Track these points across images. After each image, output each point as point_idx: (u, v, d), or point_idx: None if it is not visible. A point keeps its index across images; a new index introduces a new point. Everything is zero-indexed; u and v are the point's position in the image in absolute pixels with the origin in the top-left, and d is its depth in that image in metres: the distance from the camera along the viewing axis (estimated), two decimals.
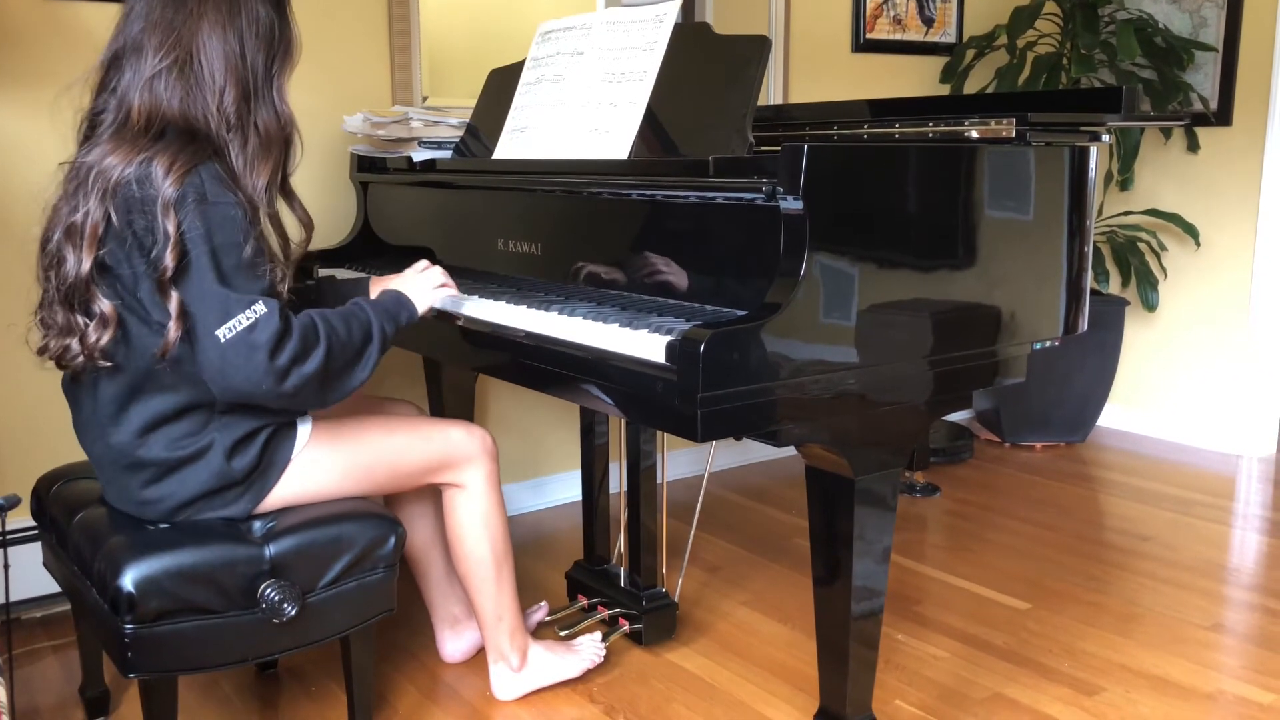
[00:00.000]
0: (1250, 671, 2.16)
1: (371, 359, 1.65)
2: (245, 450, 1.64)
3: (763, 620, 2.40)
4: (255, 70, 1.61)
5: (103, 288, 1.56)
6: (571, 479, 3.18)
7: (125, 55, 1.59)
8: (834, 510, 1.64)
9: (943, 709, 2.02)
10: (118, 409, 1.61)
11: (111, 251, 1.54)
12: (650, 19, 1.92)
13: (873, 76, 3.70)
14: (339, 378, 1.61)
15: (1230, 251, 3.65)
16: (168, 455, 1.61)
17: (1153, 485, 3.35)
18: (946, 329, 1.65)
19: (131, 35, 1.59)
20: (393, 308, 1.72)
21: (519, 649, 2.03)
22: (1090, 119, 1.84)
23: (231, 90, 1.58)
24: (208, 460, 1.62)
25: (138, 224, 1.51)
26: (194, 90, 1.57)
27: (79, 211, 1.54)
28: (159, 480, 1.63)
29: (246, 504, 1.68)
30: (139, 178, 1.50)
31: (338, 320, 1.61)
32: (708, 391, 1.38)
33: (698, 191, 1.65)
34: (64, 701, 2.07)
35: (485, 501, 1.93)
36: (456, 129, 2.40)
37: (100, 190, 1.52)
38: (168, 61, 1.56)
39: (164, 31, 1.56)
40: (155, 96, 1.56)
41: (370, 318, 1.66)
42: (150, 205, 1.49)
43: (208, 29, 1.57)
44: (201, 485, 1.63)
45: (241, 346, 1.48)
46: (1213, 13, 3.60)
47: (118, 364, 1.59)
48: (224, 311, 1.49)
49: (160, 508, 1.65)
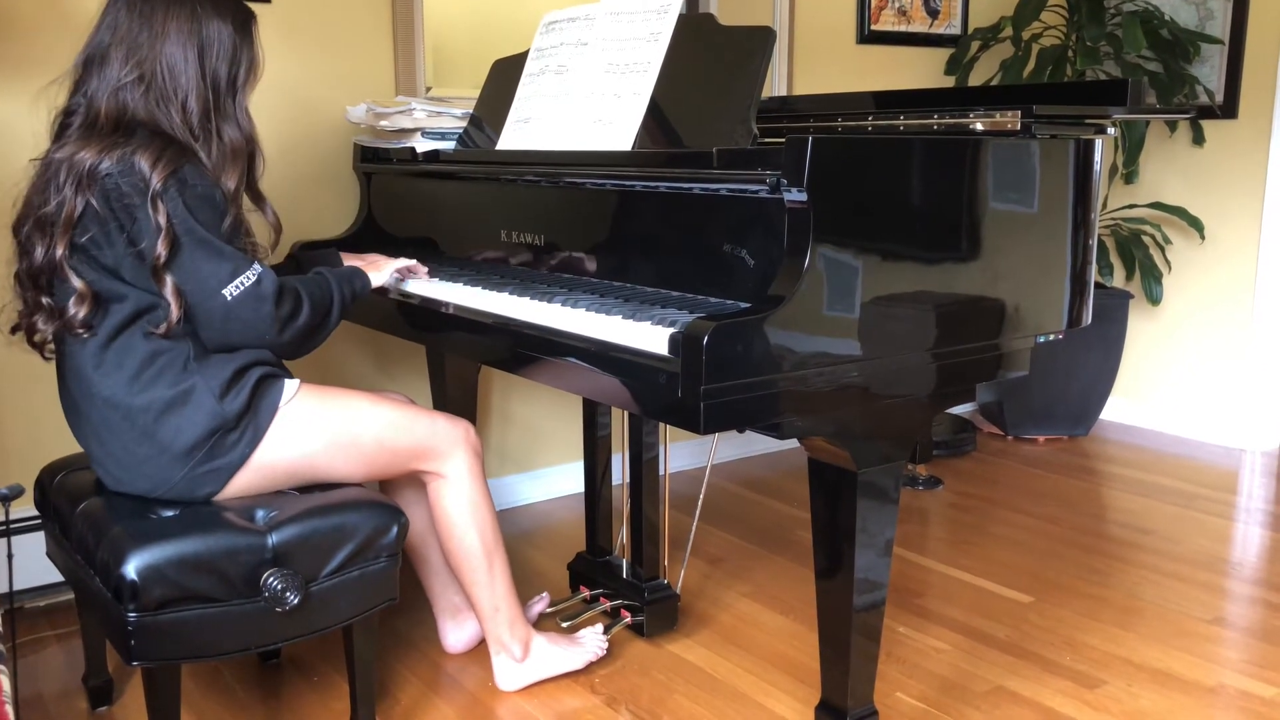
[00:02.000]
0: (1252, 665, 2.16)
1: (334, 319, 1.83)
2: (237, 392, 1.69)
3: (764, 612, 2.41)
4: (217, 86, 1.72)
5: (80, 268, 1.65)
6: (574, 470, 3.18)
7: (94, 62, 1.70)
8: (836, 503, 1.64)
9: (944, 701, 2.02)
10: (97, 361, 1.68)
11: (93, 237, 1.64)
12: (654, 10, 1.92)
13: (877, 68, 3.69)
14: (313, 333, 1.80)
15: (1235, 245, 3.64)
16: (155, 396, 1.66)
17: (1155, 479, 3.35)
18: (950, 322, 1.65)
19: (101, 44, 1.70)
20: (348, 273, 1.90)
21: (521, 640, 2.04)
22: (1095, 112, 1.84)
23: (195, 103, 1.70)
24: (199, 401, 1.67)
25: (120, 212, 1.61)
26: (158, 101, 1.69)
27: (51, 202, 1.64)
28: (155, 429, 1.66)
29: (244, 448, 1.70)
30: (122, 170, 1.60)
31: (310, 284, 1.80)
32: (710, 384, 1.38)
33: (701, 183, 1.65)
34: (67, 690, 2.07)
35: (470, 492, 1.94)
36: (460, 120, 2.40)
37: (76, 180, 1.62)
38: (133, 75, 1.67)
39: (129, 46, 1.67)
40: (121, 104, 1.67)
41: (331, 283, 1.84)
42: (135, 196, 1.60)
43: (171, 46, 1.68)
44: (197, 430, 1.67)
45: (249, 300, 1.66)
46: (1219, 5, 3.59)
47: (93, 326, 1.68)
48: (231, 271, 1.65)
49: (163, 460, 1.67)
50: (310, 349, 1.81)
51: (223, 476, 1.70)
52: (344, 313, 1.86)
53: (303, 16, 2.58)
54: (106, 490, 1.75)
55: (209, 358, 1.70)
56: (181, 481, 1.69)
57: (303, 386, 1.78)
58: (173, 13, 1.68)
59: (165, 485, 1.69)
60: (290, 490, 1.80)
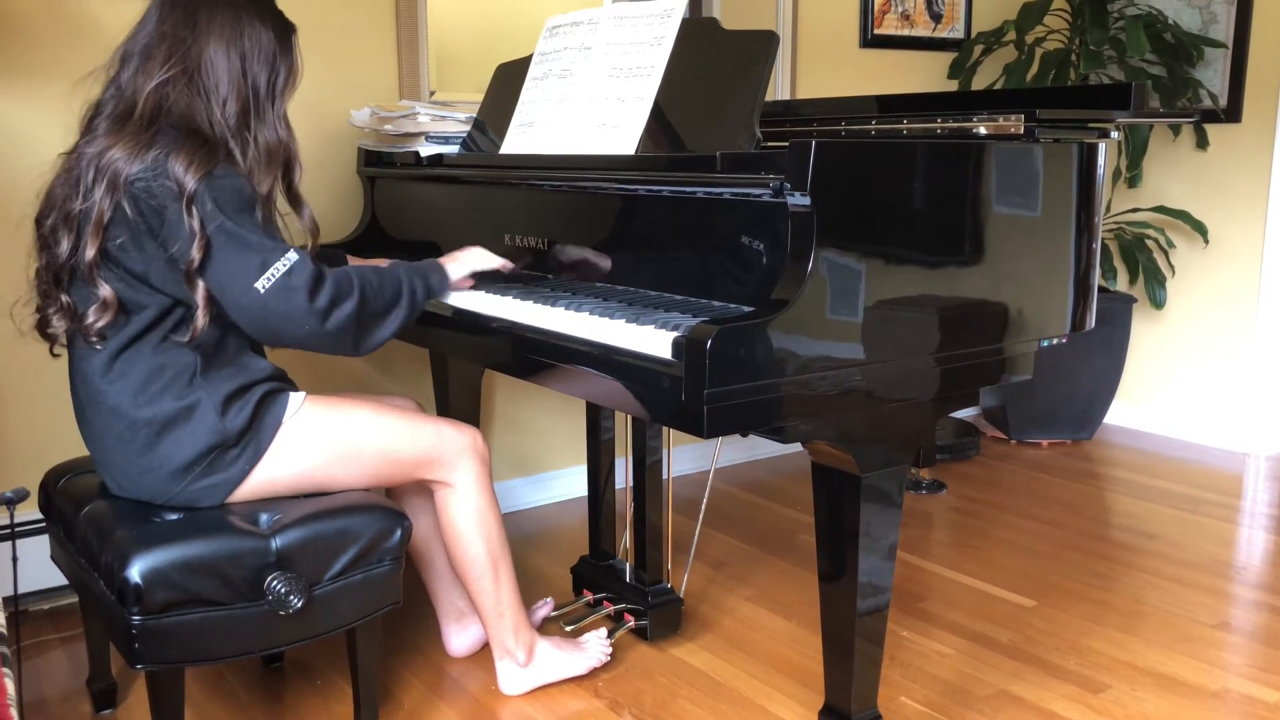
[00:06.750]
0: (1256, 670, 2.16)
1: (402, 312, 1.77)
2: (239, 409, 1.69)
3: (768, 616, 2.40)
4: (256, 88, 1.72)
5: (108, 275, 1.64)
6: (577, 474, 3.18)
7: (134, 57, 1.69)
8: (840, 506, 1.64)
9: (948, 706, 2.02)
10: (105, 368, 1.67)
11: (122, 243, 1.62)
12: (658, 14, 1.92)
13: (880, 72, 3.69)
14: (374, 324, 1.73)
15: (1239, 249, 3.64)
16: (160, 410, 1.65)
17: (1159, 483, 3.34)
18: (953, 326, 1.65)
19: (143, 40, 1.70)
20: (424, 268, 1.85)
21: (525, 645, 2.04)
22: (1099, 115, 1.84)
23: (233, 103, 1.70)
24: (201, 417, 1.66)
25: (150, 215, 1.59)
26: (198, 98, 1.68)
27: (82, 200, 1.63)
28: (156, 443, 1.66)
29: (244, 465, 1.70)
30: (155, 173, 1.58)
31: (370, 272, 1.74)
32: (714, 387, 1.38)
33: (705, 187, 1.65)
34: (71, 694, 2.07)
35: (476, 500, 1.93)
36: (464, 124, 2.40)
37: (109, 182, 1.60)
38: (175, 71, 1.66)
39: (172, 42, 1.67)
40: (161, 98, 1.66)
41: (401, 274, 1.79)
42: (166, 198, 1.58)
43: (213, 45, 1.69)
44: (197, 446, 1.66)
45: (281, 291, 1.61)
46: (1222, 9, 3.59)
47: (107, 338, 1.67)
48: (261, 264, 1.60)
49: (162, 473, 1.67)
50: (375, 343, 1.74)
51: (222, 491, 1.70)
52: (416, 306, 1.80)
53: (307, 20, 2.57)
54: (111, 494, 1.75)
55: (215, 372, 1.69)
56: (180, 494, 1.69)
57: (308, 399, 1.78)
58: (216, 15, 1.69)
59: (164, 497, 1.69)
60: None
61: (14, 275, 2.07)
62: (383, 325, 1.75)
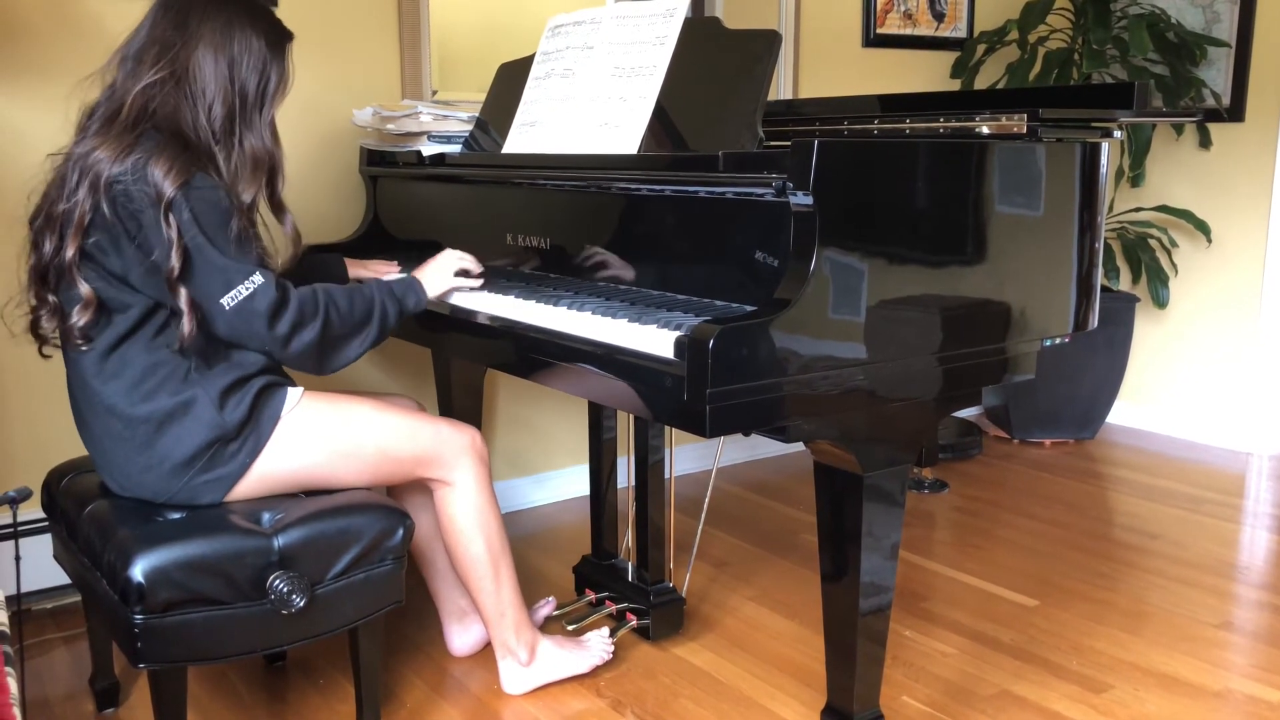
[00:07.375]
0: (1259, 670, 2.15)
1: (371, 334, 1.78)
2: (237, 403, 1.69)
3: (770, 616, 2.40)
4: (244, 94, 1.73)
5: (88, 274, 1.65)
6: (579, 474, 3.18)
7: (129, 60, 1.72)
8: (842, 506, 1.64)
9: (950, 705, 2.02)
10: (98, 369, 1.68)
11: (98, 242, 1.64)
12: (660, 13, 1.92)
13: (883, 72, 3.69)
14: (337, 347, 1.74)
15: (1241, 248, 3.64)
16: (156, 407, 1.66)
17: (1162, 482, 3.34)
18: (956, 325, 1.65)
19: (137, 44, 1.72)
20: (400, 289, 1.85)
21: (527, 644, 2.04)
22: (1102, 115, 1.84)
23: (220, 107, 1.71)
24: (199, 412, 1.67)
25: (127, 220, 1.61)
26: (185, 102, 1.69)
27: (66, 200, 1.64)
28: (155, 439, 1.67)
29: (245, 458, 1.70)
30: (134, 176, 1.60)
31: (340, 294, 1.75)
32: (716, 387, 1.38)
33: (707, 187, 1.65)
34: (74, 693, 2.08)
35: (476, 499, 1.93)
36: (466, 123, 2.40)
37: (90, 183, 1.62)
38: (163, 74, 1.68)
39: (162, 47, 1.69)
40: (148, 100, 1.67)
41: (374, 296, 1.79)
42: (143, 202, 1.59)
43: (202, 50, 1.70)
44: (197, 441, 1.67)
45: (244, 313, 1.63)
46: (1225, 8, 3.58)
47: (92, 339, 1.68)
48: (225, 281, 1.62)
49: (163, 470, 1.67)
50: (340, 364, 1.76)
51: (223, 486, 1.71)
52: (386, 328, 1.81)
53: (309, 20, 2.59)
54: (113, 493, 1.75)
55: (211, 368, 1.69)
56: (181, 491, 1.69)
57: (306, 394, 1.78)
58: (208, 19, 1.70)
59: (165, 495, 1.70)
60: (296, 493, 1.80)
61: (13, 276, 2.07)
62: (348, 347, 1.76)
